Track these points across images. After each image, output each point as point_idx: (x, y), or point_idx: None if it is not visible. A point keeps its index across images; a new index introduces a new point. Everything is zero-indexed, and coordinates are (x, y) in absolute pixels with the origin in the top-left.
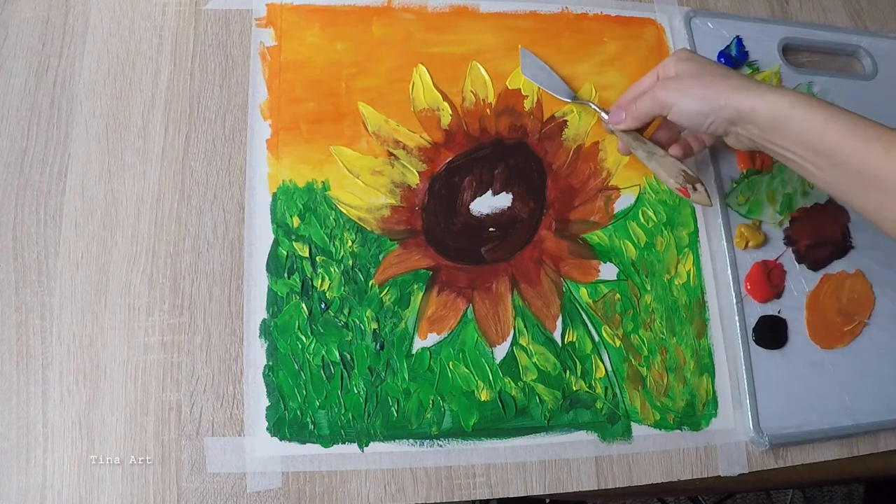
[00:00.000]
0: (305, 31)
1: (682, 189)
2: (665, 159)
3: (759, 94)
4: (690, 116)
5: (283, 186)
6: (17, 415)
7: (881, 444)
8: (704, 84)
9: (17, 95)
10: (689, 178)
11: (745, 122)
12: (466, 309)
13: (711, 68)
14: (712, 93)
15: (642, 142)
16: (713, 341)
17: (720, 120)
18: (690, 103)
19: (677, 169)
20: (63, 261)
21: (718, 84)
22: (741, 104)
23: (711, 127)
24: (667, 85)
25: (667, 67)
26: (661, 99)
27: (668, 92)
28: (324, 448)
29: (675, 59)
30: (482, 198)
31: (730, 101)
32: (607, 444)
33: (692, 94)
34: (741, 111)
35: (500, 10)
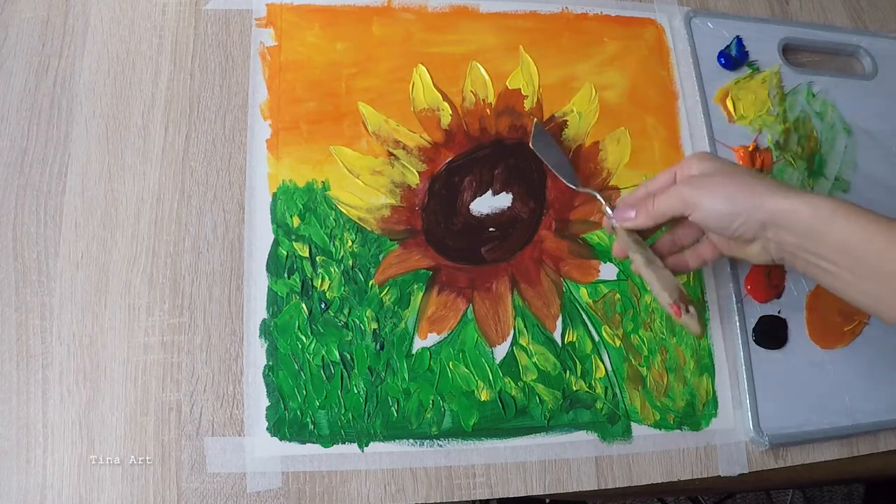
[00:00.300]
0: (305, 31)
1: (675, 307)
2: (664, 272)
3: (800, 195)
4: (719, 216)
5: (283, 186)
6: (17, 415)
7: (881, 444)
8: (737, 183)
9: (17, 95)
10: (683, 297)
11: (779, 228)
12: (466, 309)
13: (741, 168)
14: (747, 192)
15: (643, 247)
16: (713, 341)
17: (752, 222)
18: (720, 203)
19: (673, 284)
20: (63, 261)
21: (752, 184)
22: (779, 206)
23: (740, 230)
24: (693, 182)
25: (688, 167)
26: (685, 196)
27: (695, 190)
28: (324, 448)
29: (698, 159)
30: (482, 198)
31: (766, 202)
32: (607, 444)
33: (723, 192)
34: (777, 214)
35: (500, 10)
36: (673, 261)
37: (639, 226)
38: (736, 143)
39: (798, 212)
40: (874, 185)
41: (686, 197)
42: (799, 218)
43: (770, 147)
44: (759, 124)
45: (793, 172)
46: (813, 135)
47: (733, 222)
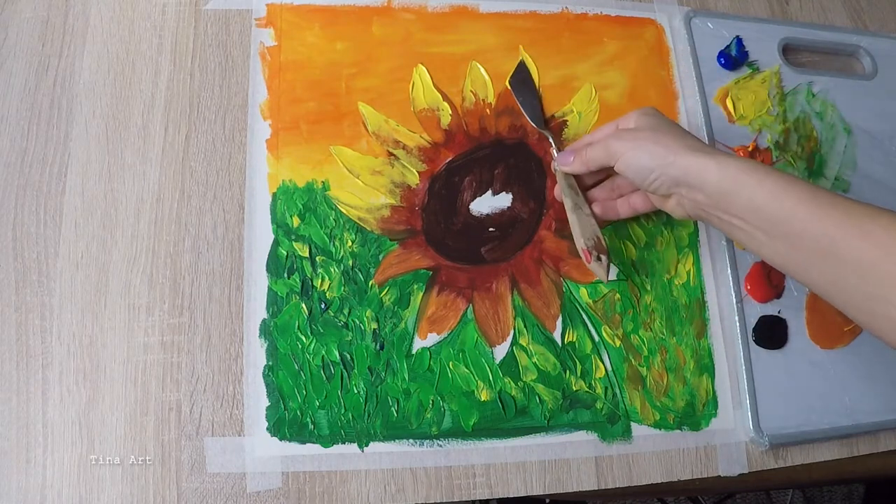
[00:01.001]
0: (305, 31)
1: (586, 251)
2: (587, 219)
3: (712, 156)
4: (637, 170)
5: (283, 186)
6: (17, 415)
7: (881, 444)
8: (657, 140)
9: (17, 95)
10: (598, 246)
11: (691, 186)
12: (466, 309)
13: (671, 127)
14: (662, 150)
15: (575, 192)
16: (713, 341)
17: (665, 177)
18: (639, 156)
19: (592, 231)
20: (63, 261)
21: (672, 142)
22: (691, 164)
23: (655, 184)
24: (621, 135)
25: (627, 119)
26: (611, 148)
27: (621, 142)
28: (324, 448)
29: (638, 113)
30: (482, 198)
31: (679, 160)
32: (607, 444)
33: (643, 147)
34: (689, 171)
35: (500, 10)
36: (605, 206)
37: (574, 170)
38: (736, 143)
39: (707, 171)
40: (874, 185)
41: (612, 148)
42: (708, 177)
43: (770, 147)
44: (758, 124)
45: (793, 172)
46: (813, 135)
47: (648, 176)
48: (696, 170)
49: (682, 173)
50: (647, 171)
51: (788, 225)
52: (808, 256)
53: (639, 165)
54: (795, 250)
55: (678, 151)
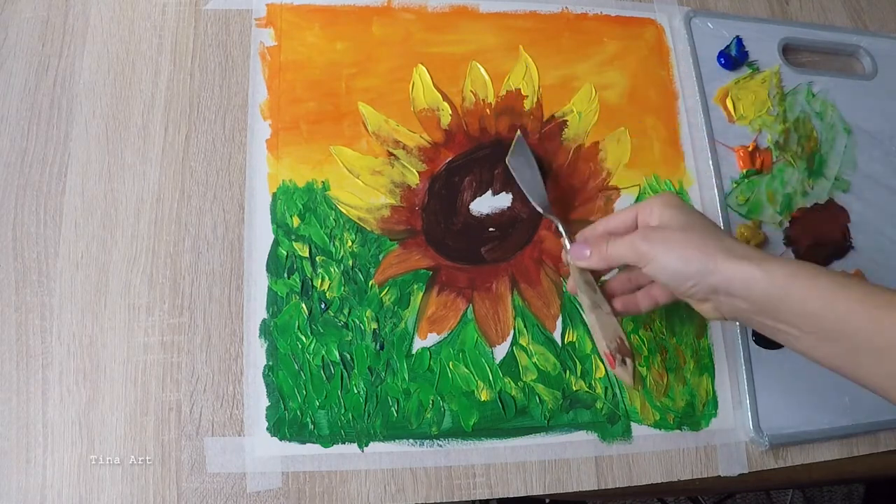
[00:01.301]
0: (305, 31)
1: (609, 355)
2: (608, 318)
3: (755, 262)
4: (671, 276)
5: (283, 186)
6: (17, 415)
7: (881, 444)
8: (693, 242)
9: (17, 95)
10: (622, 348)
11: (732, 295)
12: (466, 309)
13: (703, 223)
14: (701, 255)
15: (592, 289)
16: (713, 341)
17: (703, 285)
18: (674, 262)
19: (615, 333)
20: (63, 261)
21: (709, 245)
22: (734, 273)
23: (691, 290)
24: (649, 235)
25: (650, 210)
26: (639, 249)
27: (650, 245)
28: (324, 448)
29: (661, 204)
30: (482, 198)
31: (720, 268)
32: (607, 444)
33: (677, 251)
34: (731, 281)
35: (500, 10)
36: (625, 301)
37: (592, 266)
38: (736, 143)
39: (752, 280)
40: (874, 185)
41: (640, 250)
42: (754, 286)
43: (770, 147)
44: (758, 124)
45: (792, 172)
46: (813, 135)
47: (685, 283)
48: (741, 279)
49: (724, 282)
50: (683, 278)
51: (842, 328)
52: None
53: (674, 272)
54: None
55: (717, 258)
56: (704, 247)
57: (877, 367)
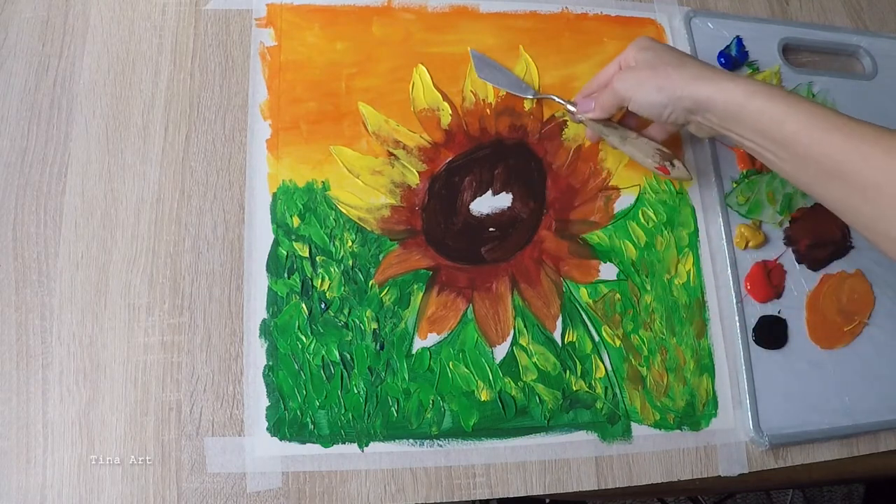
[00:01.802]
0: (305, 31)
1: (661, 167)
2: (638, 141)
3: (715, 82)
4: (650, 108)
5: (283, 186)
6: (17, 415)
7: (881, 444)
8: (660, 75)
9: (17, 95)
10: (665, 155)
11: (704, 111)
12: (466, 309)
13: (668, 58)
14: (668, 83)
15: (613, 127)
16: (713, 341)
17: (679, 110)
18: (648, 95)
19: (652, 148)
20: (63, 261)
21: (674, 74)
22: (697, 94)
23: (671, 117)
24: (624, 76)
25: (627, 57)
26: (619, 92)
27: (625, 84)
28: (324, 448)
29: (635, 49)
30: (482, 198)
31: (686, 92)
32: (607, 444)
33: (649, 85)
34: (698, 100)
35: (500, 10)
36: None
37: (597, 116)
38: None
39: (713, 99)
40: None
41: (619, 91)
42: (715, 105)
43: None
44: None
45: None
46: None
47: (663, 111)
48: (703, 97)
49: (692, 103)
50: (659, 107)
51: (793, 148)
52: (816, 177)
53: (649, 103)
54: (804, 171)
55: (682, 83)
56: (670, 76)
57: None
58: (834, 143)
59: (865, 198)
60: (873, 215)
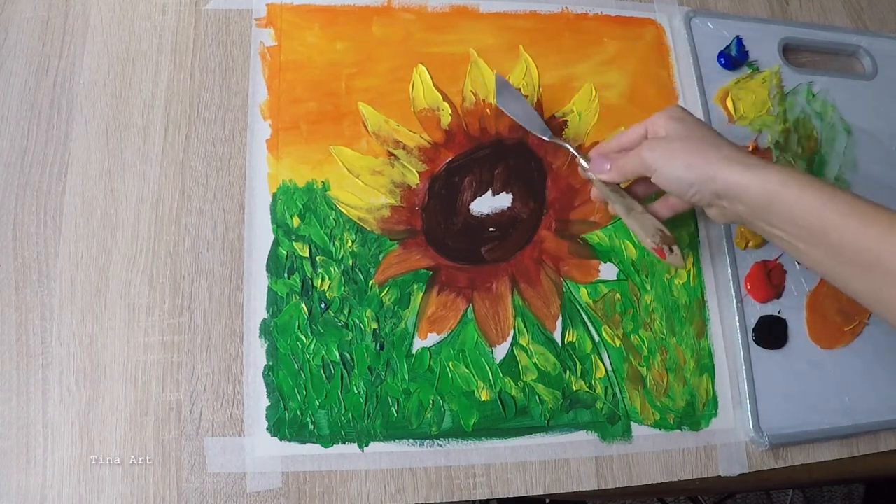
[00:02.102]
0: (305, 31)
1: (657, 249)
2: (643, 217)
3: (750, 168)
4: (676, 183)
5: (283, 186)
6: (17, 415)
7: (881, 444)
8: (692, 151)
9: (17, 95)
10: (665, 238)
11: (732, 199)
12: (466, 309)
13: (703, 133)
14: (700, 161)
15: (621, 195)
16: (713, 341)
17: (705, 192)
18: (676, 170)
19: (654, 228)
20: (63, 261)
21: (709, 153)
22: (730, 179)
23: (695, 197)
24: (653, 146)
25: (656, 123)
26: (646, 160)
27: (655, 155)
28: (324, 448)
29: (667, 117)
30: (482, 198)
31: (719, 174)
32: (607, 444)
33: (678, 160)
34: (729, 186)
35: (500, 10)
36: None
37: (610, 179)
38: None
39: (748, 186)
40: (874, 185)
41: (647, 161)
42: (749, 192)
43: (770, 147)
44: (759, 124)
45: None
46: (813, 135)
47: (689, 190)
48: (735, 183)
49: (722, 187)
50: (686, 184)
51: (829, 238)
52: (851, 268)
53: (677, 179)
54: (837, 262)
55: (716, 164)
56: (705, 154)
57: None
58: (874, 233)
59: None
60: None
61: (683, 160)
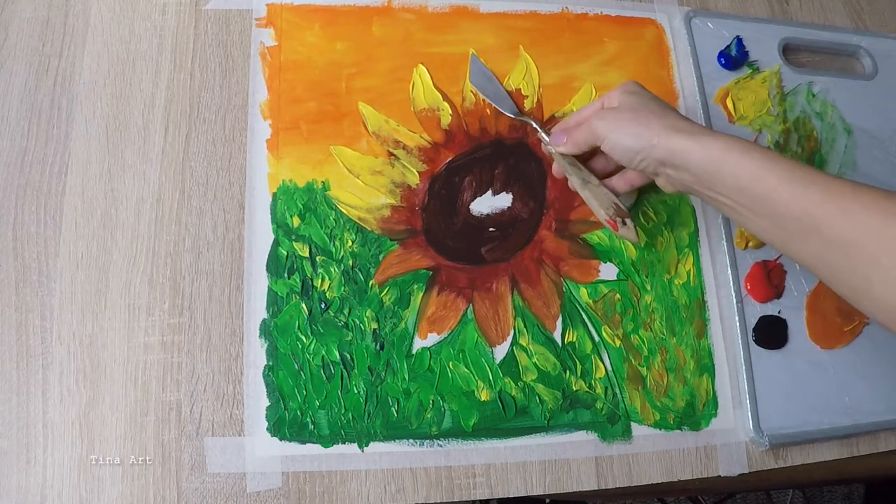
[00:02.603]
0: (305, 31)
1: (611, 221)
2: (598, 189)
3: (694, 136)
4: (622, 151)
5: (283, 186)
6: (17, 415)
7: (881, 444)
8: (639, 120)
9: (17, 95)
10: (619, 211)
11: (677, 167)
12: (466, 309)
13: (652, 105)
14: (645, 130)
15: (578, 168)
16: (713, 341)
17: (651, 159)
18: (622, 138)
19: (609, 200)
20: (63, 261)
21: (653, 122)
22: (674, 145)
23: (641, 164)
24: (604, 115)
25: (611, 97)
26: (595, 129)
27: (604, 123)
28: (324, 448)
29: (621, 91)
30: (482, 198)
31: (662, 142)
32: (607, 444)
33: (625, 128)
34: (673, 153)
35: (500, 10)
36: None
37: (568, 151)
38: None
39: (690, 152)
40: (874, 184)
41: (596, 130)
42: (691, 159)
43: (770, 147)
44: (759, 124)
45: None
46: (813, 135)
47: (634, 157)
48: (680, 151)
49: (667, 154)
50: (631, 152)
51: (771, 204)
52: (793, 234)
53: (623, 147)
54: (780, 228)
55: (660, 132)
56: (649, 124)
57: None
58: (814, 199)
59: (844, 254)
60: (852, 273)
61: (631, 129)
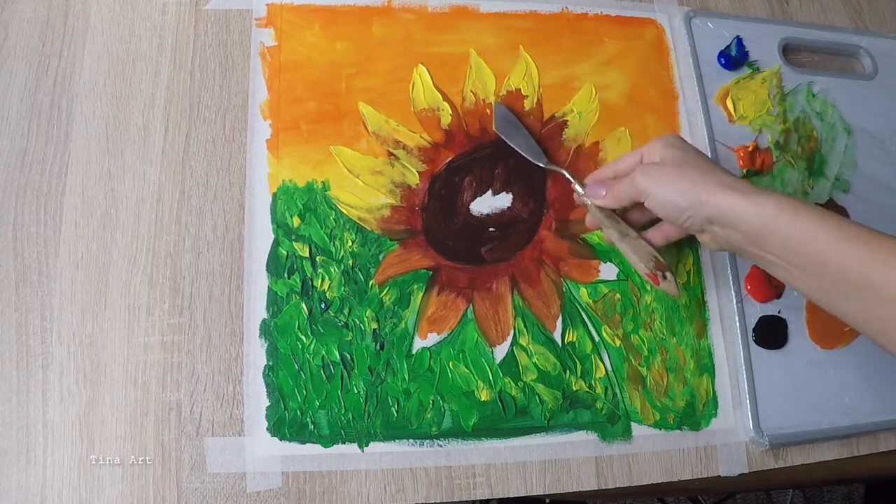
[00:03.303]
0: (305, 31)
1: (651, 275)
2: (637, 242)
3: (745, 195)
4: (668, 208)
5: (283, 186)
6: (17, 415)
7: (881, 444)
8: (685, 176)
9: (17, 95)
10: (659, 264)
11: (725, 225)
12: (466, 309)
13: (697, 159)
14: (692, 187)
15: (616, 221)
16: (713, 341)
17: (698, 217)
18: (668, 194)
19: (648, 253)
20: (63, 261)
21: (701, 179)
22: (724, 204)
23: (687, 223)
24: (647, 171)
25: (652, 150)
26: (639, 185)
27: (647, 179)
28: (324, 448)
29: (662, 144)
30: (482, 198)
31: (711, 199)
32: (607, 444)
33: (671, 184)
34: (723, 211)
35: (500, 10)
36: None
37: (606, 205)
38: (736, 143)
39: (741, 212)
40: (874, 185)
41: (639, 186)
42: (742, 218)
43: (770, 147)
44: (759, 124)
45: (793, 172)
46: (813, 135)
47: (681, 215)
48: (729, 209)
49: (715, 212)
50: (678, 210)
51: (822, 263)
52: (845, 293)
53: (669, 204)
54: (832, 287)
55: (709, 189)
56: (697, 180)
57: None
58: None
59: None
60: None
61: (677, 185)
